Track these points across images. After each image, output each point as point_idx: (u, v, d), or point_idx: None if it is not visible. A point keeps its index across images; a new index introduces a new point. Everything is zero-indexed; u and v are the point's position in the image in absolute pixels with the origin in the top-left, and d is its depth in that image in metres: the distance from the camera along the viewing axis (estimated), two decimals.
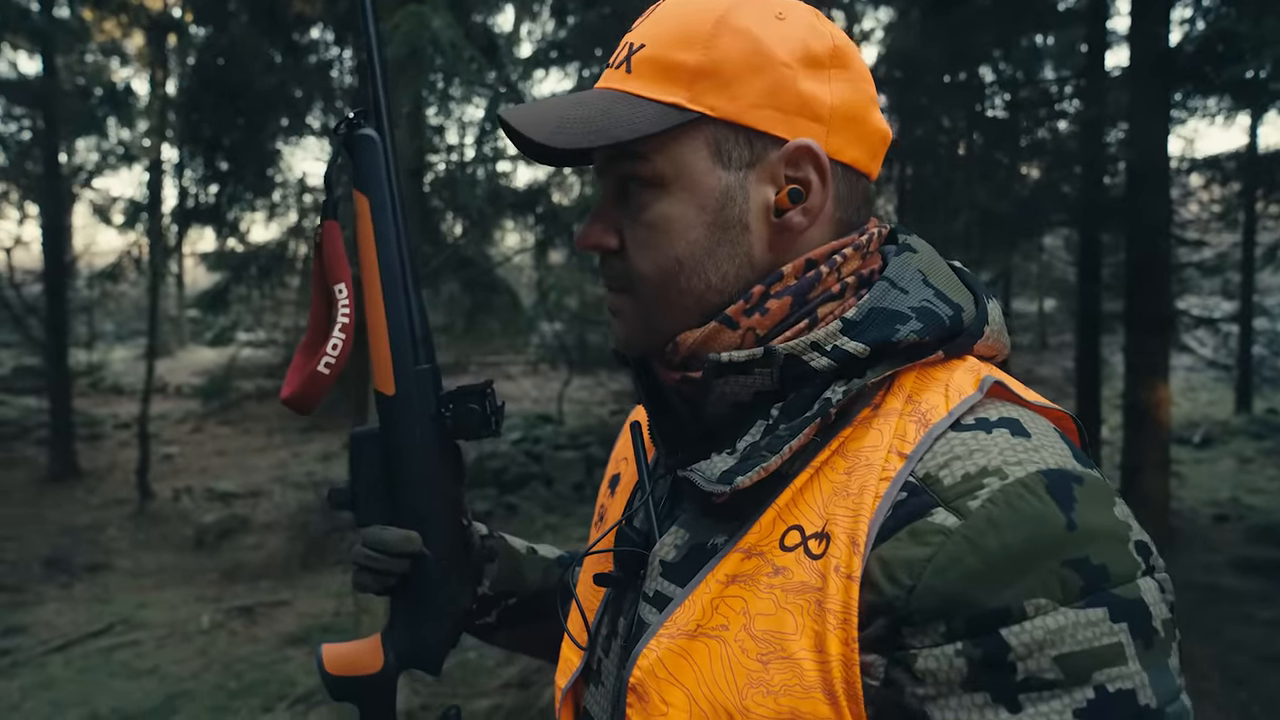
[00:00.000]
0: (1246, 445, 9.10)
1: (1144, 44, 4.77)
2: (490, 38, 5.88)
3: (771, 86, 0.62)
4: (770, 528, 0.59)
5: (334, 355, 0.79)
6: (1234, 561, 5.83)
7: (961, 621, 0.51)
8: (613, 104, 0.63)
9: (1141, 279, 4.95)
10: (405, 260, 0.79)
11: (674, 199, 0.63)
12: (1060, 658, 0.50)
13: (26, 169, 9.33)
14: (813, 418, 0.59)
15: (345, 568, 6.24)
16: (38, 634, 5.24)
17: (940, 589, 0.52)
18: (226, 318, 11.14)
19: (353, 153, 0.80)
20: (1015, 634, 0.50)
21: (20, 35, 8.35)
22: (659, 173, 0.63)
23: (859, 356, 0.59)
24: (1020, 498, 0.53)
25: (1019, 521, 0.52)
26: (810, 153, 0.62)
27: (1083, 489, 0.54)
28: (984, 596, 0.51)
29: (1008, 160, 5.97)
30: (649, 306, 0.65)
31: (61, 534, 7.14)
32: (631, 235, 0.65)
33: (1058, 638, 0.50)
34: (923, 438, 0.57)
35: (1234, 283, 9.20)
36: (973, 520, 0.52)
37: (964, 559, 0.51)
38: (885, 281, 0.63)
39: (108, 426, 10.73)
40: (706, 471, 0.61)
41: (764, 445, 0.60)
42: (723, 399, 0.63)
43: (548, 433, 9.47)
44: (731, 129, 0.62)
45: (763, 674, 0.56)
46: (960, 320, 0.62)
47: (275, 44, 6.41)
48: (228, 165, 6.99)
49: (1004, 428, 0.57)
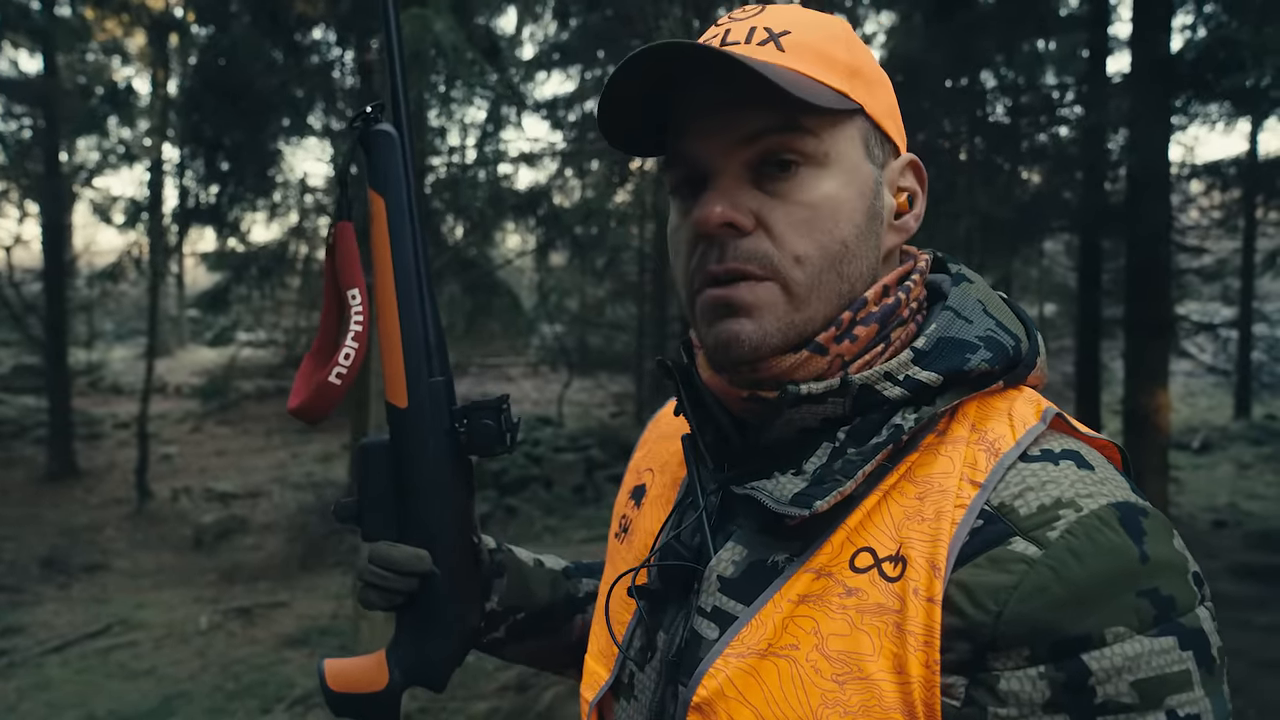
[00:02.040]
0: (1245, 451, 9.11)
1: (1145, 50, 4.77)
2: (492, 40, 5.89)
3: (890, 100, 0.67)
4: (840, 549, 0.59)
5: (346, 365, 0.76)
6: (1232, 567, 5.83)
7: (1045, 646, 0.53)
8: (784, 72, 0.61)
9: (1141, 284, 4.95)
10: (421, 265, 0.76)
11: (840, 180, 0.63)
12: (1137, 683, 0.52)
13: (27, 168, 9.33)
14: (884, 444, 0.60)
15: (344, 569, 6.23)
16: (35, 634, 5.23)
17: (1026, 615, 0.53)
18: (226, 318, 11.15)
19: (369, 150, 0.76)
20: (1096, 659, 0.52)
21: (21, 34, 8.35)
22: (825, 152, 0.63)
23: (931, 386, 0.60)
24: (1097, 530, 0.54)
25: (1098, 553, 0.54)
26: (919, 168, 0.68)
27: (1149, 521, 0.56)
28: (1068, 623, 0.53)
29: (1009, 165, 5.98)
30: (801, 294, 0.62)
31: (60, 534, 7.14)
32: (785, 216, 0.62)
33: (1135, 664, 0.52)
34: (994, 467, 0.58)
35: (1234, 288, 9.22)
36: (1054, 550, 0.54)
37: (1049, 587, 0.53)
38: (950, 311, 0.64)
39: (107, 426, 10.72)
40: (775, 493, 0.61)
41: (837, 470, 0.60)
42: (790, 424, 0.63)
43: (548, 435, 9.47)
44: (875, 128, 0.65)
45: (839, 694, 0.56)
46: (1020, 350, 0.63)
47: (277, 44, 6.40)
48: (229, 165, 6.99)
49: (1069, 460, 0.59)
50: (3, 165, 9.43)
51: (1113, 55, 6.64)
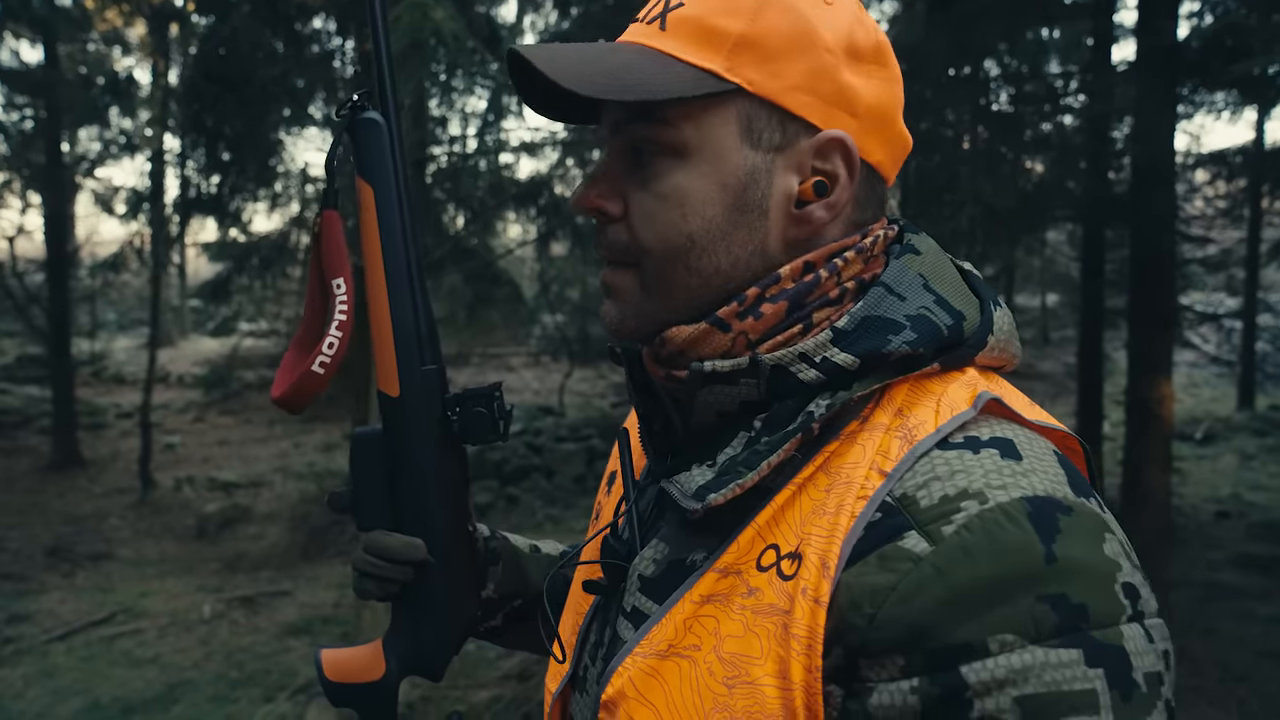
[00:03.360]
0: (1249, 442, 9.09)
1: (1151, 38, 4.73)
2: (493, 29, 5.86)
3: (813, 71, 0.59)
4: (749, 546, 0.56)
5: (329, 355, 0.75)
6: (1235, 558, 5.83)
7: (920, 656, 0.48)
8: (642, 59, 0.59)
9: (1145, 275, 4.92)
10: (411, 254, 0.76)
11: (695, 172, 0.59)
12: (1022, 699, 0.46)
13: (29, 158, 9.32)
14: (794, 432, 0.56)
15: (346, 559, 6.25)
16: (40, 622, 5.26)
17: (902, 618, 0.48)
18: (228, 308, 11.17)
19: (356, 138, 0.76)
20: (975, 671, 0.46)
21: (22, 24, 8.34)
22: (682, 141, 0.59)
23: (848, 369, 0.56)
24: (998, 524, 0.49)
25: (993, 551, 0.48)
26: (843, 146, 0.59)
27: (1070, 520, 0.50)
28: (946, 630, 0.47)
29: (1012, 155, 5.94)
30: (651, 283, 0.61)
31: (64, 523, 7.17)
32: (640, 204, 0.61)
33: (1022, 677, 0.46)
34: (905, 455, 0.53)
35: (1238, 279, 9.17)
36: (944, 547, 0.49)
37: (929, 588, 0.48)
38: (881, 287, 0.59)
39: (110, 416, 10.75)
40: (685, 485, 0.58)
41: (741, 460, 0.57)
42: (708, 407, 0.61)
43: (549, 425, 9.48)
44: (765, 107, 0.59)
45: (728, 699, 0.53)
46: (960, 330, 0.58)
47: (277, 34, 6.38)
48: (229, 155, 6.98)
49: (994, 448, 0.53)
50: (5, 156, 9.43)
51: (1117, 43, 6.59)
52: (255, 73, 6.03)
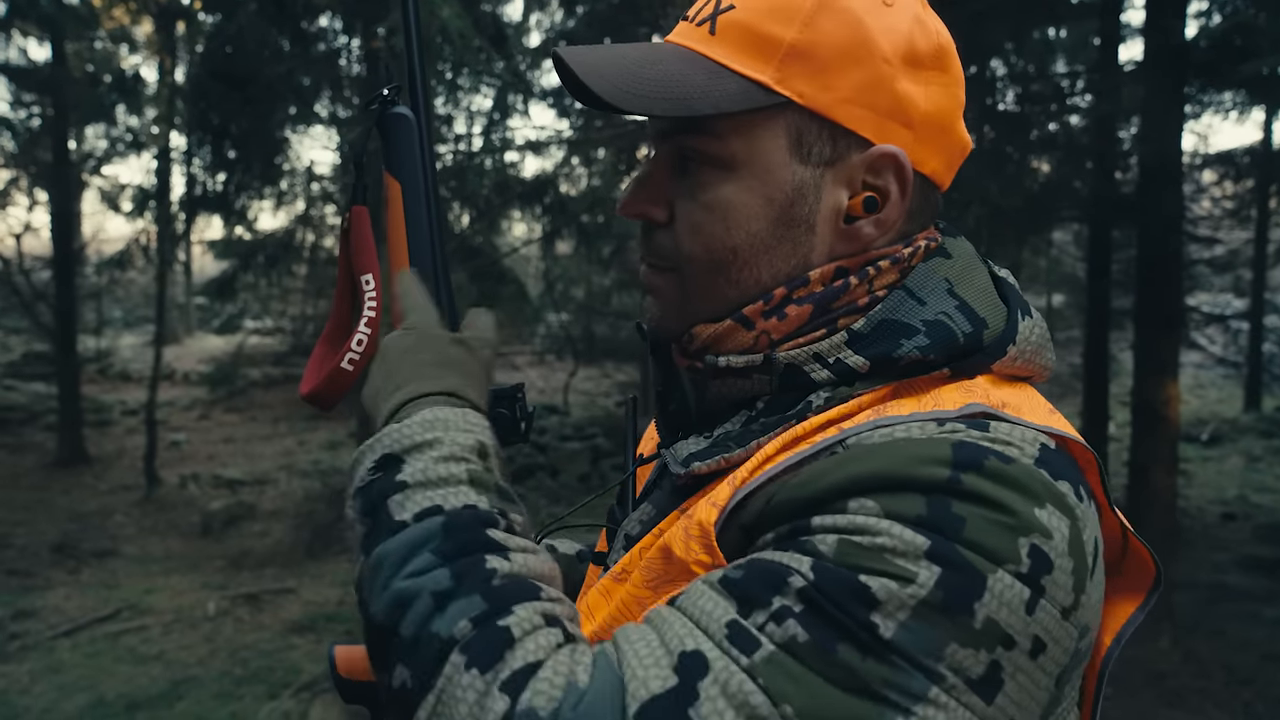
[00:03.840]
0: (1255, 443, 9.06)
1: (1159, 37, 4.72)
2: (499, 27, 5.87)
3: (868, 82, 0.57)
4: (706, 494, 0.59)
5: (359, 351, 0.75)
6: (1240, 560, 5.80)
7: (786, 516, 0.50)
8: (691, 68, 0.58)
9: (1152, 275, 4.90)
10: (438, 252, 0.75)
11: (741, 185, 0.59)
12: (842, 542, 0.46)
13: (36, 155, 9.35)
14: (790, 418, 0.56)
15: (351, 556, 6.26)
16: (46, 618, 5.28)
17: (790, 499, 0.50)
18: (234, 305, 11.19)
19: (385, 132, 0.74)
20: (822, 518, 0.48)
21: (29, 21, 8.35)
22: (730, 154, 0.58)
23: (858, 371, 0.56)
24: (912, 444, 0.49)
25: (898, 452, 0.48)
26: (895, 162, 0.58)
27: (1007, 468, 0.47)
28: (821, 501, 0.48)
29: (1018, 154, 5.93)
30: (691, 291, 0.62)
31: (69, 519, 7.19)
32: (685, 213, 0.61)
33: (856, 529, 0.46)
34: (867, 421, 0.53)
35: (1245, 280, 9.13)
36: (853, 449, 0.50)
37: (828, 474, 0.49)
38: (903, 291, 0.59)
39: (116, 413, 10.78)
40: (678, 452, 0.60)
41: (734, 436, 0.58)
42: (720, 398, 0.62)
43: (553, 424, 9.48)
44: (816, 120, 0.58)
45: (653, 597, 0.56)
46: (979, 337, 0.57)
47: (283, 32, 6.39)
48: (236, 153, 7.00)
49: (961, 423, 0.51)
50: (12, 153, 9.46)
51: (1124, 43, 6.57)
52: (261, 71, 6.05)
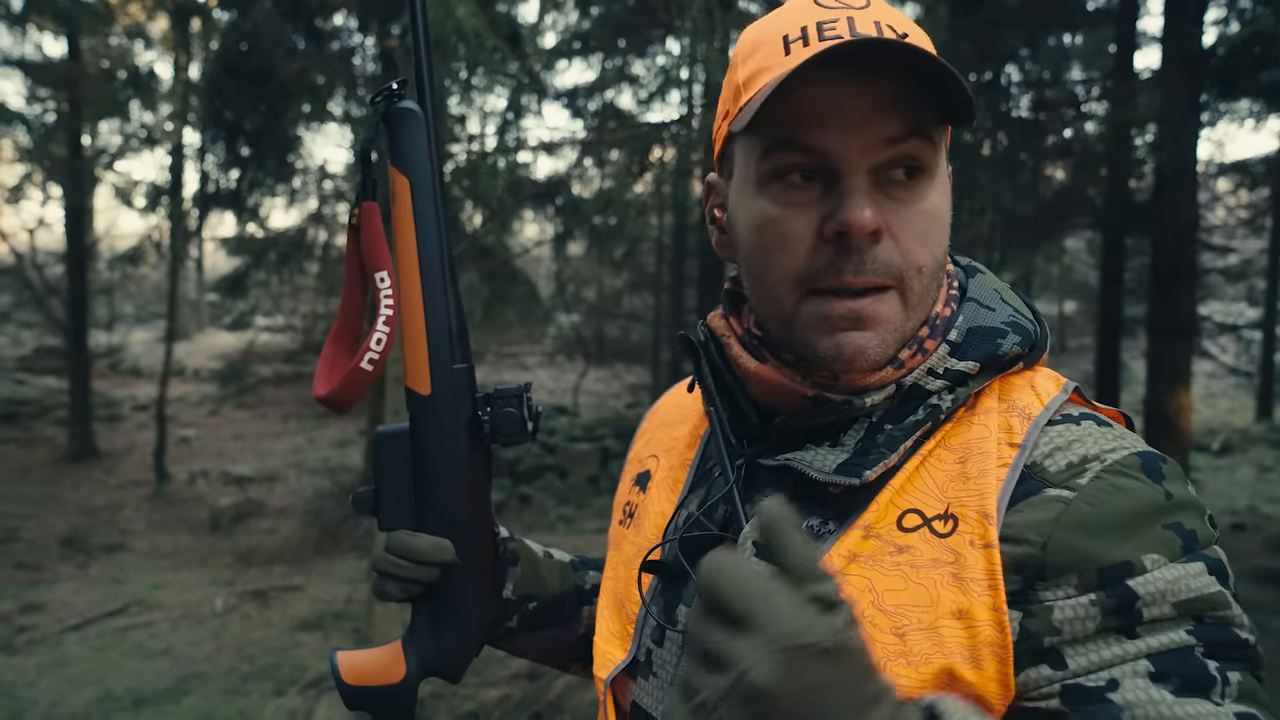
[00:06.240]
0: (1266, 454, 8.99)
1: (1176, 45, 4.69)
2: (514, 27, 5.87)
3: None
4: (885, 511, 0.62)
5: (378, 350, 0.73)
6: (1251, 571, 5.76)
7: (1092, 574, 0.56)
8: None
9: (1165, 284, 4.88)
10: (445, 250, 0.74)
11: (940, 192, 0.64)
12: (1179, 604, 0.56)
13: (50, 151, 9.40)
14: (922, 421, 0.63)
15: (358, 554, 6.27)
16: (55, 612, 5.30)
17: (1069, 543, 0.57)
18: (245, 302, 11.23)
19: (392, 128, 0.73)
20: (1141, 585, 0.55)
21: (46, 17, 8.41)
22: (936, 162, 0.63)
23: (970, 373, 0.64)
24: (1123, 473, 0.59)
25: (1127, 490, 0.58)
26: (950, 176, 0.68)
27: (1168, 468, 0.60)
28: (1107, 551, 0.56)
29: (1032, 161, 5.91)
30: (913, 303, 0.63)
31: (79, 514, 7.22)
32: (908, 223, 0.62)
33: (1175, 588, 0.56)
34: (1029, 429, 0.62)
35: (1259, 289, 9.09)
36: (1086, 490, 0.58)
37: (1086, 519, 0.57)
38: (973, 302, 0.67)
39: (126, 408, 10.83)
40: (816, 464, 0.63)
41: (880, 444, 0.63)
42: (824, 421, 0.67)
43: (563, 424, 9.48)
44: (946, 139, 0.66)
45: (900, 646, 0.58)
46: (1041, 333, 0.68)
47: (298, 30, 6.41)
48: (249, 150, 7.01)
49: (1088, 420, 0.63)
50: (27, 148, 9.51)
51: (1140, 50, 6.54)
52: (276, 68, 6.06)
